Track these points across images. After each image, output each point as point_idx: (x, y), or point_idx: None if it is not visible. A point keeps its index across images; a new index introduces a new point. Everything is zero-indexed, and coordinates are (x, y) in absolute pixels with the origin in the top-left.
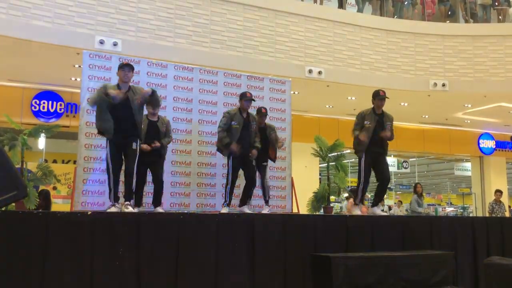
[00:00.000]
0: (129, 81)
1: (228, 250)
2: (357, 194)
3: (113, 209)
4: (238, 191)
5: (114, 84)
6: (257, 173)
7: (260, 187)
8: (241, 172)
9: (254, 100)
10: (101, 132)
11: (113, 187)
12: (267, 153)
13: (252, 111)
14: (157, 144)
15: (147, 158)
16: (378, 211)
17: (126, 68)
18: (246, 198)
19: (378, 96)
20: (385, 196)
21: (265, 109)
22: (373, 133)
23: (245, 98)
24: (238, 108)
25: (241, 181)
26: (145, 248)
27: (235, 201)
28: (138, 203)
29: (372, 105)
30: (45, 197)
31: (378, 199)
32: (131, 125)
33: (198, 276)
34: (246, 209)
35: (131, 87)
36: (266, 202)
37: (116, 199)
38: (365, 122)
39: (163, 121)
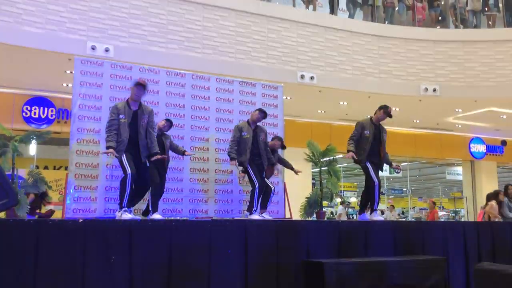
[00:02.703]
0: (140, 99)
1: (221, 256)
2: (373, 201)
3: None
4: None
5: (124, 102)
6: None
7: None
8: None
9: (265, 113)
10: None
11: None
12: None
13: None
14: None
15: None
16: (367, 216)
17: (141, 87)
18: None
19: (386, 112)
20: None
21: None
22: (372, 143)
23: (255, 110)
24: (247, 120)
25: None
26: (137, 255)
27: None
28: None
29: (371, 115)
30: None
31: (368, 204)
32: (136, 143)
33: (191, 283)
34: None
35: (141, 105)
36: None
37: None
38: (365, 132)
39: (166, 136)
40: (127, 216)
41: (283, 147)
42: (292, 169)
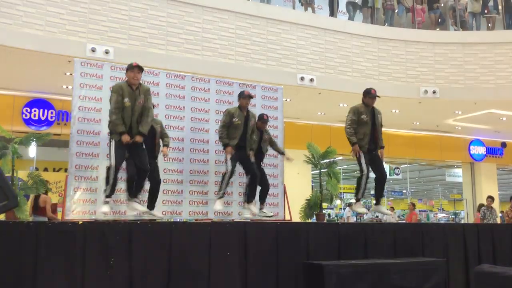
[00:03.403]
0: (138, 82)
1: (220, 258)
2: (359, 189)
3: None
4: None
5: (125, 82)
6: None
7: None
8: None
9: (252, 97)
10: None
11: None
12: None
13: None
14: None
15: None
16: (383, 209)
17: (135, 69)
18: (252, 195)
19: (369, 95)
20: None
21: (267, 116)
22: (371, 127)
23: (243, 95)
24: (238, 106)
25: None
26: (137, 257)
27: (226, 208)
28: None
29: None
30: None
31: (380, 197)
32: (136, 124)
33: (190, 285)
34: (253, 209)
35: (140, 85)
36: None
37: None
38: (362, 116)
39: (157, 121)
40: (105, 209)
41: (264, 120)
42: (281, 153)
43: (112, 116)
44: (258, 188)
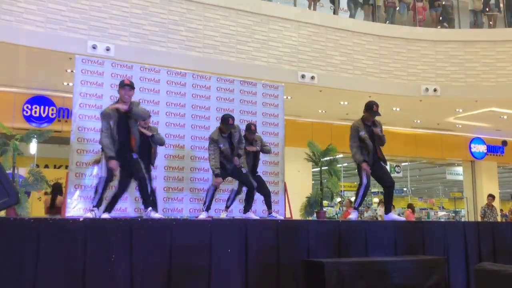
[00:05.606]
0: (130, 100)
1: (221, 255)
2: (356, 199)
3: (89, 214)
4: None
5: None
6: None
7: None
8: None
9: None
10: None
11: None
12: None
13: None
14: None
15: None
16: (394, 216)
17: (127, 87)
18: (249, 206)
19: (372, 112)
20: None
21: (255, 126)
22: (371, 142)
23: (227, 124)
24: (218, 129)
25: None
26: (137, 254)
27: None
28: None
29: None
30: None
31: (389, 205)
32: (128, 140)
33: (191, 282)
34: (252, 217)
35: (132, 103)
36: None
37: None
38: (361, 133)
39: (152, 128)
40: (88, 215)
41: (251, 130)
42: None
43: (105, 141)
44: (260, 197)
